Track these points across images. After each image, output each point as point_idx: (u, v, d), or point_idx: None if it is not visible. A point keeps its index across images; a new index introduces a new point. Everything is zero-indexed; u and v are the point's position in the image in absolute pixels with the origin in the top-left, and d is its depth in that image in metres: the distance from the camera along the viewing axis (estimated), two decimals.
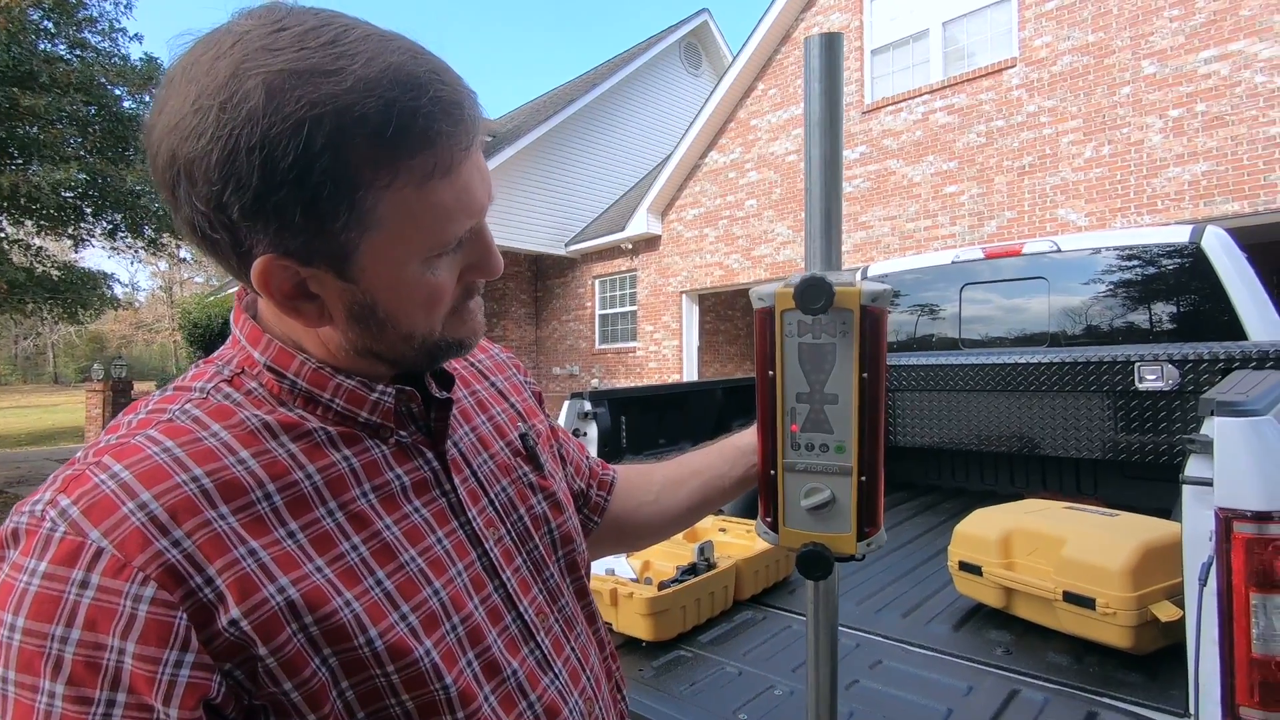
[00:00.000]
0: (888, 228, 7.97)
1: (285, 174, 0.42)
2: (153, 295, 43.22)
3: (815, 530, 0.62)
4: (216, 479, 0.46)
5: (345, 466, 0.52)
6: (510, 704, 0.54)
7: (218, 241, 0.47)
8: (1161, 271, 2.68)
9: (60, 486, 0.44)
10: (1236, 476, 1.15)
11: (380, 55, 0.44)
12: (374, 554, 0.50)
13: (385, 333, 0.52)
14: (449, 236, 0.49)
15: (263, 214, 0.44)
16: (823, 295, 0.57)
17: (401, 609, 0.50)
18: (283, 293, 0.48)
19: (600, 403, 2.34)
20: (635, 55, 12.97)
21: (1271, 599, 1.13)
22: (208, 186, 0.44)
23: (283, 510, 0.48)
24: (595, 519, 0.83)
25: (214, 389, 0.51)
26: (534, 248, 11.84)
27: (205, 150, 0.43)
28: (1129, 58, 6.25)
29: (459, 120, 0.47)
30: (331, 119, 0.42)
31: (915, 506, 3.02)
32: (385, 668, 0.48)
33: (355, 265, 0.48)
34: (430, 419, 0.58)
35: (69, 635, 0.40)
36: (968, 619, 1.86)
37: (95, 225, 10.25)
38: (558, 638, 0.61)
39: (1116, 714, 1.35)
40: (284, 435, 0.50)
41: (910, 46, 7.83)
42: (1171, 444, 2.45)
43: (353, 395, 0.53)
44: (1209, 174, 5.83)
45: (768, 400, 0.63)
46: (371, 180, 0.44)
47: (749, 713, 1.42)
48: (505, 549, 0.60)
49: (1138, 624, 1.51)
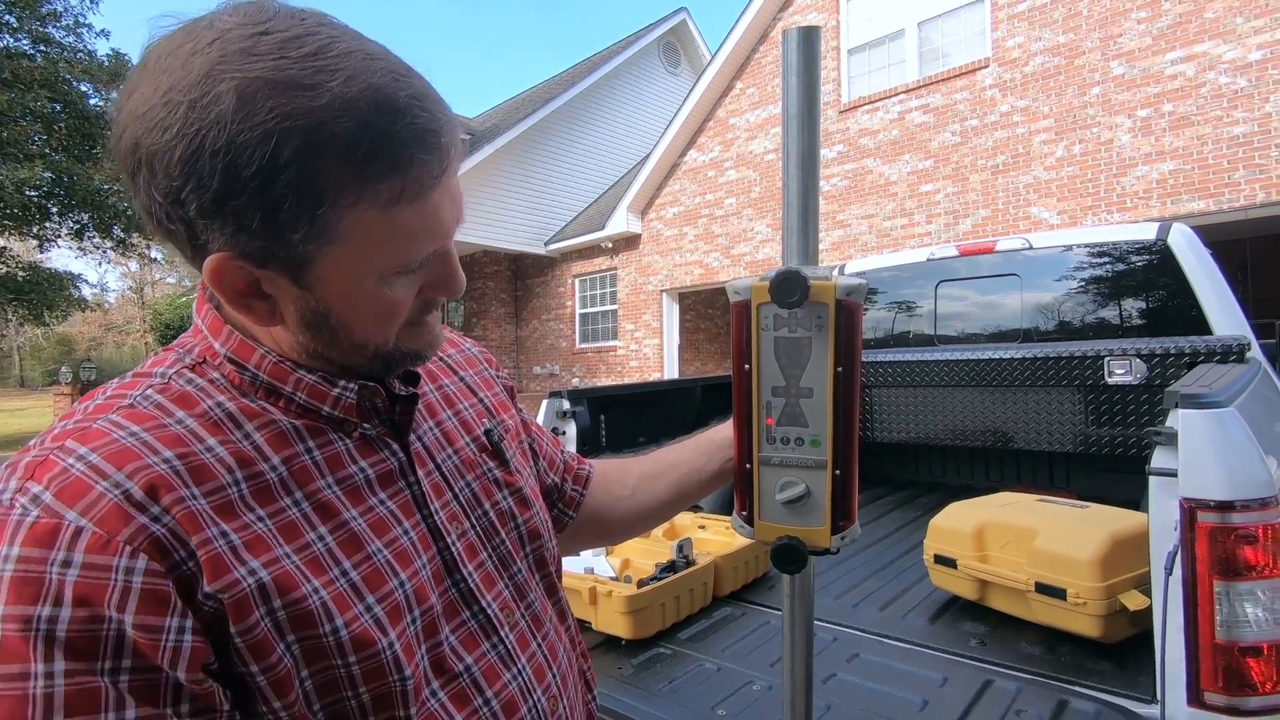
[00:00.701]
0: (865, 226, 8.04)
1: (247, 181, 0.42)
2: (123, 296, 42.30)
3: (790, 524, 0.62)
4: (186, 463, 0.45)
5: (309, 458, 0.51)
6: (463, 700, 0.54)
7: (174, 232, 0.47)
8: (1130, 268, 2.73)
9: (24, 474, 0.43)
10: (1200, 467, 1.18)
11: (361, 75, 0.44)
12: (340, 544, 0.50)
13: (337, 340, 0.51)
14: (410, 258, 0.49)
15: (220, 215, 0.44)
16: (798, 289, 0.58)
17: (367, 600, 0.49)
18: (235, 289, 0.48)
19: (579, 401, 2.33)
20: (614, 53, 12.95)
21: (1234, 586, 1.16)
22: (168, 180, 0.43)
23: (249, 498, 0.47)
24: (570, 513, 0.83)
25: (176, 374, 0.51)
26: (513, 246, 11.78)
27: (169, 145, 0.42)
28: (1099, 59, 6.37)
29: (434, 148, 0.46)
30: (302, 134, 0.42)
31: (892, 501, 3.05)
32: (347, 658, 0.47)
33: (311, 275, 0.47)
34: (395, 413, 0.58)
35: (58, 614, 0.39)
36: (943, 611, 1.88)
37: (61, 225, 10.02)
38: (523, 633, 0.61)
39: (1086, 702, 1.38)
40: (248, 425, 0.50)
41: (886, 46, 7.91)
42: (1140, 437, 2.50)
43: (314, 390, 0.53)
44: (1176, 173, 5.97)
45: (743, 394, 0.63)
46: (336, 198, 0.44)
47: (728, 708, 1.42)
48: (469, 543, 0.59)
49: (1107, 613, 1.54)
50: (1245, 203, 5.65)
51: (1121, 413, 2.53)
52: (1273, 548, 1.16)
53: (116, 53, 9.54)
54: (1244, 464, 1.17)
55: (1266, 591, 1.16)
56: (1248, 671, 1.15)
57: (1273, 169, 5.51)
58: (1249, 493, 1.15)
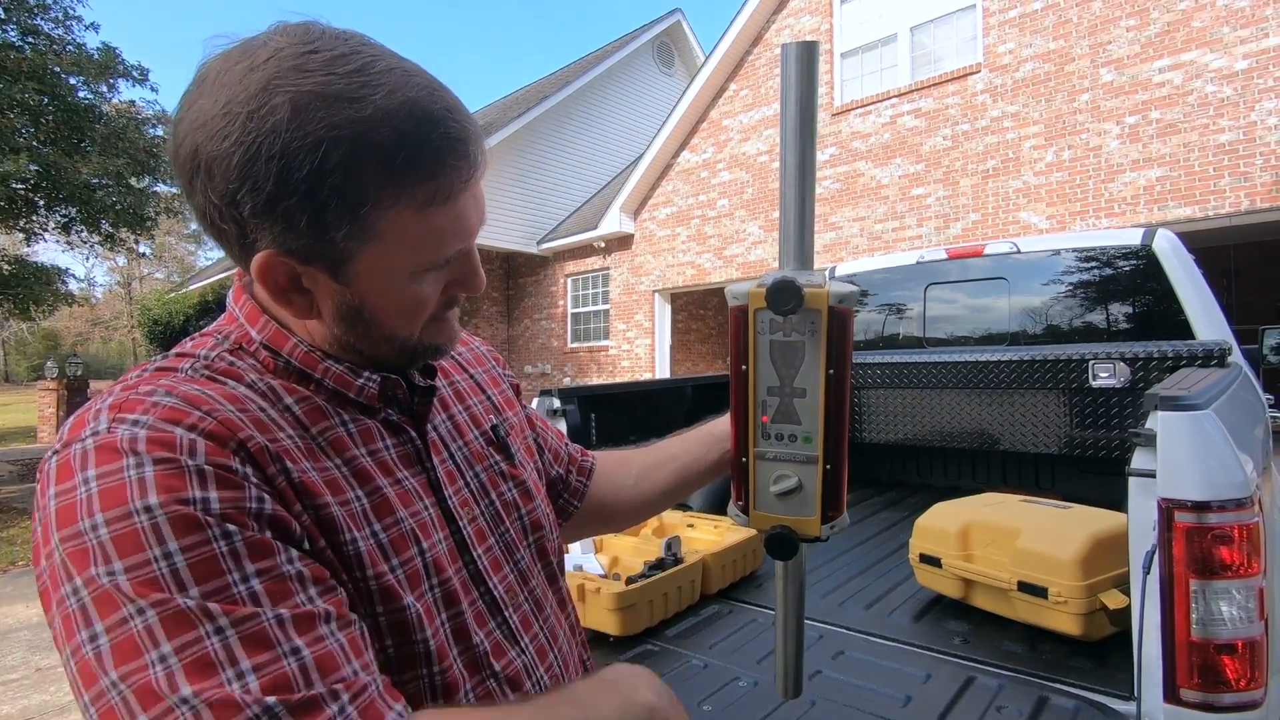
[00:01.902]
0: (856, 228, 8.08)
1: (298, 184, 0.47)
2: (110, 291, 41.87)
3: (783, 514, 0.66)
4: (246, 415, 0.50)
5: (344, 430, 0.56)
6: (475, 670, 0.58)
7: (225, 231, 0.51)
8: (1115, 273, 2.77)
9: (111, 413, 0.47)
10: (1178, 468, 1.20)
11: (400, 89, 0.49)
12: (374, 507, 0.54)
13: (369, 333, 0.56)
14: (440, 256, 0.54)
15: (271, 215, 0.48)
16: (792, 298, 0.61)
17: (392, 560, 0.54)
18: (278, 285, 0.53)
19: (569, 400, 2.34)
20: (608, 54, 12.95)
21: (1210, 585, 1.18)
22: (225, 183, 0.48)
23: (303, 450, 0.52)
24: (576, 503, 0.88)
25: (217, 356, 0.55)
26: (506, 245, 11.75)
27: (228, 151, 0.47)
28: (1088, 65, 6.43)
29: (463, 155, 0.51)
30: (348, 142, 0.47)
31: (880, 502, 3.07)
32: (377, 608, 0.52)
33: (349, 270, 0.52)
34: (414, 403, 0.63)
35: (208, 496, 0.44)
36: (928, 610, 1.90)
37: (49, 218, 9.89)
38: (526, 616, 0.65)
39: (1066, 699, 1.40)
40: (288, 399, 0.54)
41: (879, 50, 7.95)
42: (1123, 439, 2.53)
43: (340, 379, 0.57)
44: (1163, 179, 6.03)
45: (740, 392, 0.66)
46: (377, 199, 0.49)
47: (713, 704, 1.43)
48: (478, 528, 0.64)
49: (1087, 612, 1.57)
50: (1230, 210, 5.73)
51: (1105, 415, 2.57)
52: (1248, 548, 1.18)
53: (106, 46, 9.43)
54: (1221, 465, 1.19)
55: (1241, 590, 1.18)
56: (1222, 669, 1.17)
57: (1257, 177, 5.58)
58: (1225, 493, 1.17)
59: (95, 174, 8.93)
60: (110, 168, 8.95)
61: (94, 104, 9.35)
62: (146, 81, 9.87)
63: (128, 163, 9.28)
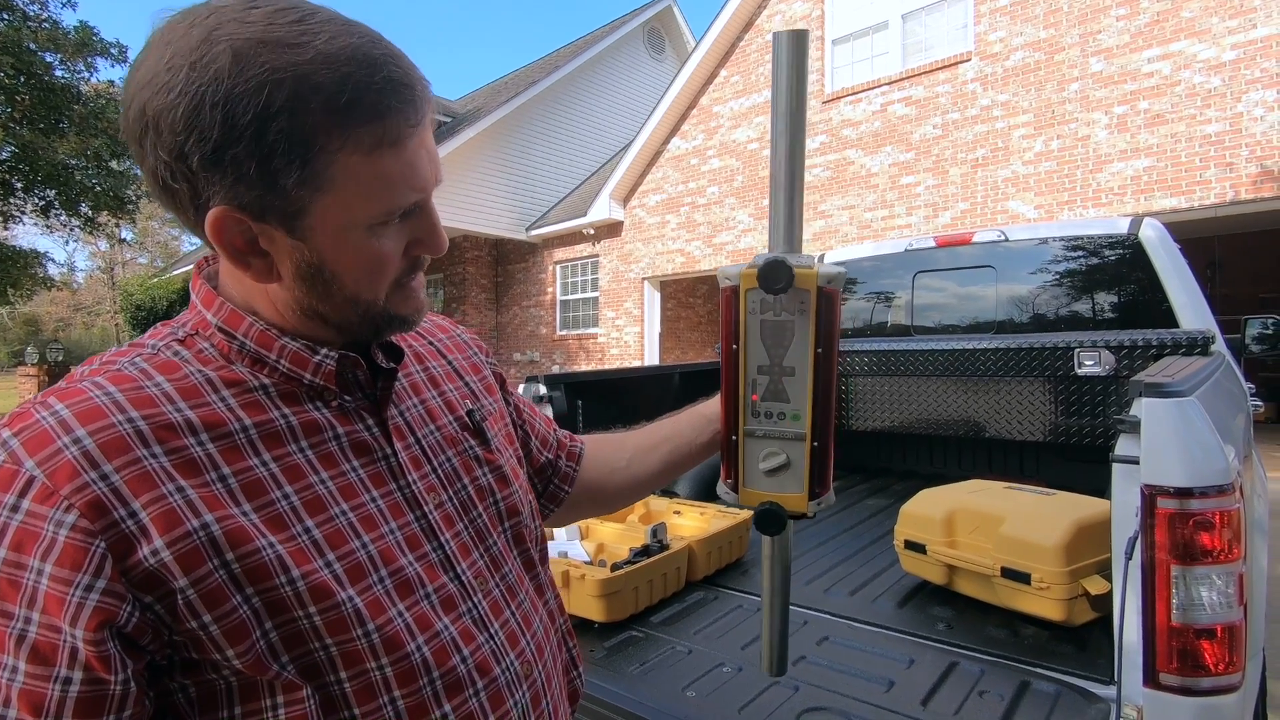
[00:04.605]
0: (846, 217, 8.08)
1: (244, 129, 0.47)
2: (92, 276, 41.21)
3: (771, 491, 0.68)
4: (152, 422, 0.49)
5: (283, 423, 0.55)
6: (445, 656, 0.57)
7: (178, 192, 0.51)
8: (1102, 262, 2.78)
9: (6, 422, 0.49)
10: (1161, 454, 1.20)
11: (341, 36, 0.50)
12: (305, 504, 0.54)
13: (331, 293, 0.55)
14: (394, 205, 0.54)
15: (221, 166, 0.48)
16: (783, 277, 0.62)
17: (327, 556, 0.53)
18: (234, 246, 0.53)
19: (556, 386, 2.32)
20: (598, 38, 12.82)
21: (1191, 571, 1.19)
22: (172, 136, 0.48)
23: (216, 456, 0.51)
24: (566, 488, 0.89)
25: (165, 346, 0.56)
26: (494, 232, 11.67)
27: (174, 104, 0.47)
28: (1078, 55, 6.43)
29: (409, 99, 0.52)
30: (291, 85, 0.47)
31: (866, 489, 3.09)
32: (307, 608, 0.51)
33: (304, 224, 0.52)
34: (377, 389, 0.62)
35: None
36: (912, 596, 1.91)
37: (26, 201, 9.71)
38: (496, 601, 0.64)
39: (1047, 683, 1.41)
40: (225, 390, 0.54)
41: (870, 38, 7.92)
42: (1107, 427, 2.55)
43: (296, 357, 0.57)
44: (1150, 170, 6.07)
45: (731, 371, 0.68)
46: (324, 144, 0.49)
47: (697, 690, 1.43)
48: (445, 514, 0.63)
49: (1069, 598, 1.58)
50: (1216, 200, 5.77)
51: (1090, 403, 2.58)
52: (1229, 534, 1.19)
53: (84, 24, 9.23)
54: (1204, 452, 1.20)
55: (1221, 576, 1.19)
56: (1201, 653, 1.18)
57: (1243, 168, 5.62)
58: (1207, 480, 1.18)
59: (73, 154, 8.77)
60: (89, 148, 8.79)
61: (71, 83, 9.16)
62: (126, 61, 9.69)
63: (106, 143, 9.13)
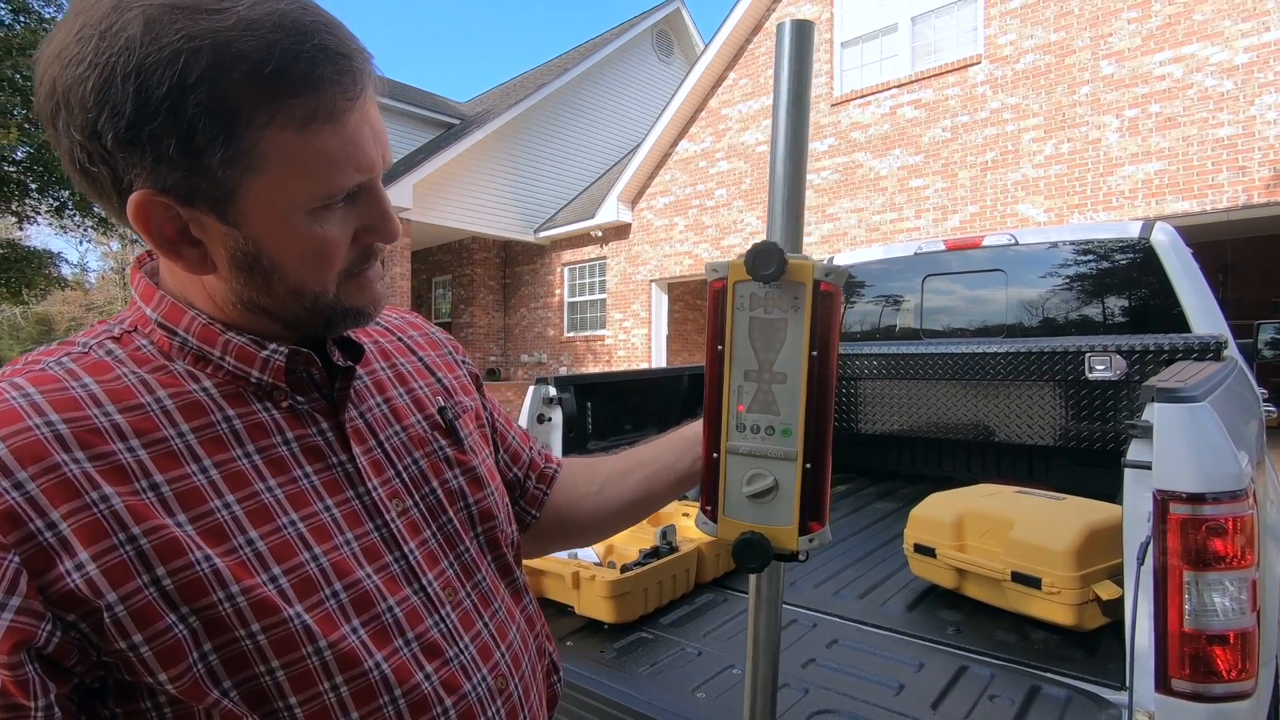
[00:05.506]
0: (854, 220, 8.07)
1: (159, 103, 0.43)
2: (104, 276, 41.58)
3: (756, 522, 0.59)
4: (74, 426, 0.45)
5: (226, 427, 0.51)
6: (407, 673, 0.53)
7: (98, 176, 0.47)
8: (1113, 266, 2.77)
9: None
10: (1174, 460, 1.20)
11: (267, 1, 0.45)
12: (248, 514, 0.49)
13: (272, 285, 0.51)
14: (335, 187, 0.49)
15: (137, 144, 0.44)
16: (774, 261, 0.56)
17: (272, 570, 0.49)
18: (163, 235, 0.48)
19: (565, 388, 2.33)
20: (607, 41, 12.85)
21: (1203, 577, 1.19)
22: (83, 114, 0.44)
23: (147, 463, 0.46)
24: (533, 512, 0.80)
25: (97, 344, 0.51)
26: (502, 233, 11.71)
27: (82, 77, 0.43)
28: (1089, 58, 6.40)
29: (345, 70, 0.47)
30: (209, 53, 0.43)
31: (875, 492, 3.08)
32: (250, 626, 0.46)
33: (237, 208, 0.47)
34: (334, 389, 0.58)
35: None
36: (921, 599, 1.91)
37: (41, 201, 9.82)
38: (467, 613, 0.60)
39: (1057, 688, 1.41)
40: (160, 391, 0.50)
41: (879, 40, 7.91)
42: (1118, 432, 2.54)
43: (242, 352, 0.52)
44: (1161, 173, 6.03)
45: (715, 377, 0.60)
46: (250, 118, 0.44)
47: (707, 691, 1.44)
48: (410, 521, 0.59)
49: (1080, 602, 1.57)
50: (1228, 204, 5.73)
51: (1101, 408, 2.57)
52: (1242, 540, 1.18)
53: None
54: (1216, 457, 1.20)
55: (1234, 582, 1.19)
56: (1214, 659, 1.18)
57: (1256, 171, 5.58)
58: (1220, 485, 1.17)
59: None
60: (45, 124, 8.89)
61: None
62: None
63: None
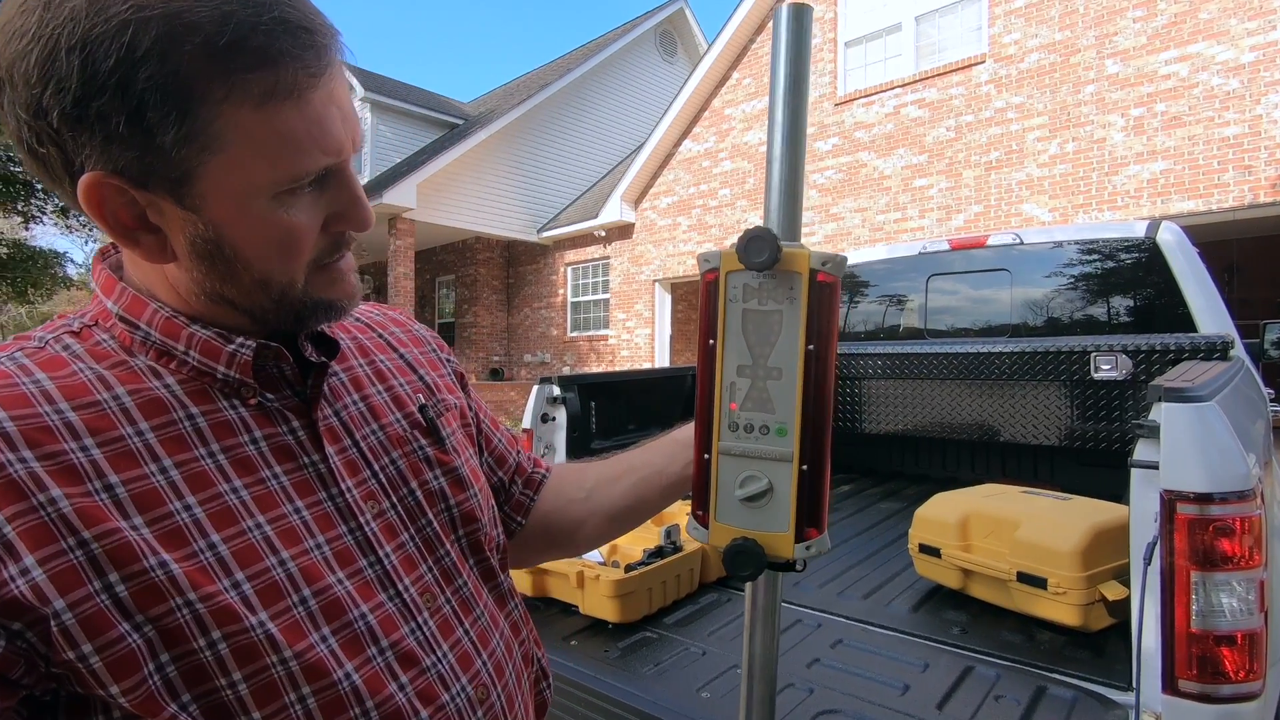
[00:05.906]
0: (858, 219, 8.06)
1: (107, 78, 0.41)
2: None
3: (749, 527, 0.56)
4: (22, 424, 0.43)
5: (189, 425, 0.49)
6: (379, 683, 0.51)
7: (47, 158, 0.45)
8: (1118, 265, 2.76)
9: None
10: (1181, 460, 1.20)
11: None
12: (210, 516, 0.47)
13: (236, 274, 0.49)
14: (300, 170, 0.47)
15: (85, 121, 0.42)
16: (767, 248, 0.53)
17: (235, 576, 0.46)
18: (119, 220, 0.46)
19: (569, 388, 2.33)
20: (610, 41, 12.86)
21: (1211, 577, 1.18)
22: (28, 90, 0.42)
23: (101, 463, 0.44)
24: (519, 519, 0.77)
25: (54, 339, 0.49)
26: (506, 233, 11.72)
27: (26, 50, 0.41)
28: (1094, 57, 6.38)
29: (307, 45, 0.45)
30: (159, 23, 0.41)
31: (879, 492, 3.08)
32: (209, 635, 0.44)
33: (195, 191, 0.45)
34: (307, 386, 0.56)
35: None
36: (926, 600, 1.90)
37: (47, 201, 9.87)
38: (447, 619, 0.58)
39: (1064, 688, 1.40)
40: (119, 388, 0.47)
41: (883, 40, 7.90)
42: (1124, 432, 2.53)
43: (207, 346, 0.50)
44: (1167, 173, 6.01)
45: (707, 373, 0.57)
46: (205, 94, 0.42)
47: (711, 691, 1.44)
48: (387, 524, 0.56)
49: (1087, 603, 1.57)
50: (1234, 204, 5.71)
51: (1106, 408, 2.56)
52: (1249, 540, 1.18)
53: None
54: (1224, 457, 1.19)
55: (1242, 582, 1.18)
56: (1221, 660, 1.17)
57: (1262, 171, 5.56)
58: (1228, 485, 1.17)
59: None
60: None
61: None
62: None
63: None
